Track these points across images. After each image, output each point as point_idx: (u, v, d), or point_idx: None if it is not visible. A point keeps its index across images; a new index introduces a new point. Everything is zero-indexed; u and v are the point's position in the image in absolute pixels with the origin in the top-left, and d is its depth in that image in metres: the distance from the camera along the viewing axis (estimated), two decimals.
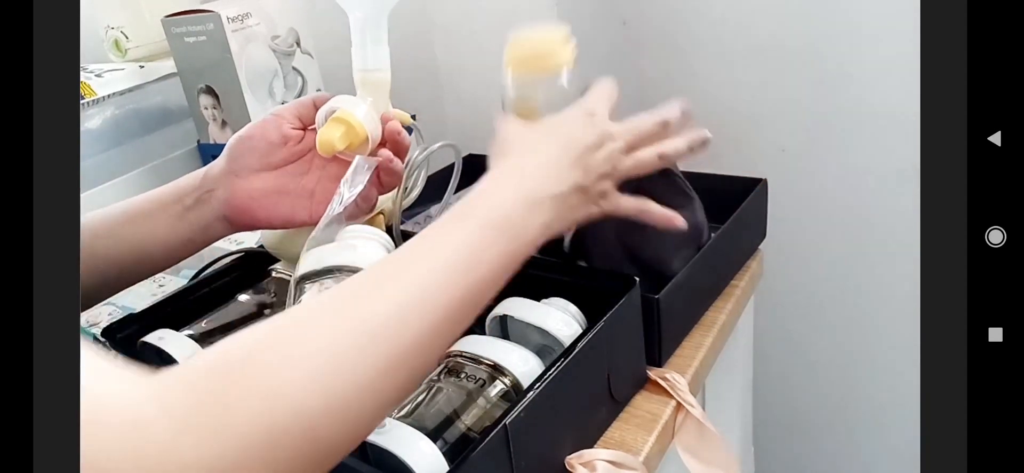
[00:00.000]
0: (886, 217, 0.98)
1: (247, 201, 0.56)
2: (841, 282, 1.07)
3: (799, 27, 0.94)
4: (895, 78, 0.90)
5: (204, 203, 0.56)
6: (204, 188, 0.56)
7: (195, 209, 0.56)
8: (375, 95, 0.55)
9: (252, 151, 0.55)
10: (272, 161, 0.56)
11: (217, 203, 0.56)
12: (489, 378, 0.49)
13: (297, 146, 0.57)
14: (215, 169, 0.56)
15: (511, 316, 0.55)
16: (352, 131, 0.53)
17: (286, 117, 0.56)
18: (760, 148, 1.03)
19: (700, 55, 1.03)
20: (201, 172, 0.57)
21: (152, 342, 0.58)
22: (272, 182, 0.56)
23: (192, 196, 0.56)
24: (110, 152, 0.88)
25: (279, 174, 0.56)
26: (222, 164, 0.56)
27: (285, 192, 0.56)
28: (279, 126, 0.56)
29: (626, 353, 0.56)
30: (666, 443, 0.57)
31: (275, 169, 0.56)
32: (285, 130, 0.56)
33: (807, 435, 1.22)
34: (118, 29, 0.96)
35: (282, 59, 0.87)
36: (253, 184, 0.56)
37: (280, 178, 0.56)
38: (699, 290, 0.67)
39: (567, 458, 0.51)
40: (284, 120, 0.56)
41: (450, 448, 0.45)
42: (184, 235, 0.57)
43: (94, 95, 0.86)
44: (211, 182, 0.56)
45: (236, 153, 0.56)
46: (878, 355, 1.09)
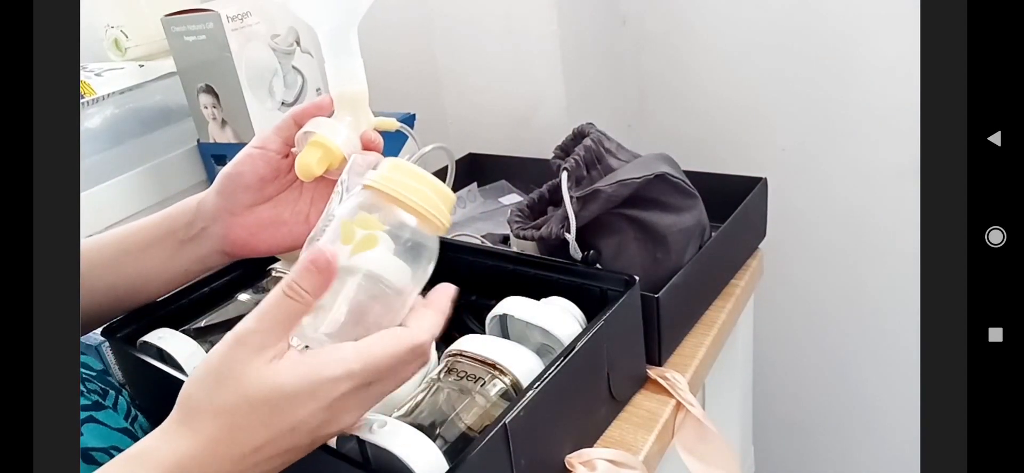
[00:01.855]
0: (886, 217, 0.98)
1: (245, 237, 0.56)
2: (841, 282, 1.07)
3: (799, 27, 0.94)
4: (895, 78, 0.90)
5: (200, 239, 0.56)
6: (198, 224, 0.56)
7: (191, 243, 0.56)
8: (353, 110, 0.54)
9: (245, 189, 0.55)
10: (265, 195, 0.56)
11: (214, 239, 0.56)
12: (489, 377, 0.49)
13: (289, 176, 0.56)
14: (208, 204, 0.56)
15: (511, 315, 0.55)
16: (329, 153, 0.53)
17: (272, 146, 0.55)
18: (760, 147, 1.03)
19: (700, 55, 1.03)
20: (193, 203, 0.57)
21: (152, 341, 0.59)
22: (268, 214, 0.56)
23: (186, 231, 0.56)
24: (110, 151, 0.88)
25: (274, 204, 0.56)
26: (214, 200, 0.55)
27: (282, 222, 0.56)
28: (268, 160, 0.55)
29: (626, 352, 0.56)
30: (666, 442, 0.57)
31: (269, 200, 0.56)
32: (275, 162, 0.55)
33: (807, 435, 1.22)
34: (118, 28, 0.96)
35: (282, 58, 0.87)
36: (249, 219, 0.55)
37: (275, 209, 0.56)
38: (699, 289, 0.67)
39: (567, 457, 0.51)
40: (271, 151, 0.55)
41: (450, 447, 0.45)
42: (180, 267, 0.57)
43: (94, 94, 0.86)
44: (205, 219, 0.56)
45: (228, 190, 0.55)
46: (878, 355, 1.09)
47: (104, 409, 0.54)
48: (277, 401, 0.37)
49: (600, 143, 0.65)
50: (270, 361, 0.37)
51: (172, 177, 0.89)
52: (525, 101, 1.00)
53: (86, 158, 0.85)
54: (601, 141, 0.65)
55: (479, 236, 0.79)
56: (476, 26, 1.00)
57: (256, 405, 0.36)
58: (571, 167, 0.62)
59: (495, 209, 0.93)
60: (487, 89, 1.03)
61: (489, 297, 0.60)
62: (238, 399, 0.37)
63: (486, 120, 1.05)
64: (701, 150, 1.06)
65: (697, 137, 1.06)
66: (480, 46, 1.01)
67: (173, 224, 0.57)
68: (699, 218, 0.66)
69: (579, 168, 0.63)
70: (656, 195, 0.63)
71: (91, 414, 0.52)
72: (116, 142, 0.89)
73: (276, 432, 0.37)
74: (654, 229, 0.62)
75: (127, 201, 0.83)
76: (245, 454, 0.37)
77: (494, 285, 0.63)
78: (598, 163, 0.65)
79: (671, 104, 1.08)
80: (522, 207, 0.69)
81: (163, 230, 0.57)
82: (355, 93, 0.54)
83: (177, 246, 0.56)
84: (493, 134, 1.05)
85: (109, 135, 0.88)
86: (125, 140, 0.90)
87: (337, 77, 0.54)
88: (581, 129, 0.68)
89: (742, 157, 1.03)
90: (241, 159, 0.55)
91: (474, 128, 1.07)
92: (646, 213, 0.62)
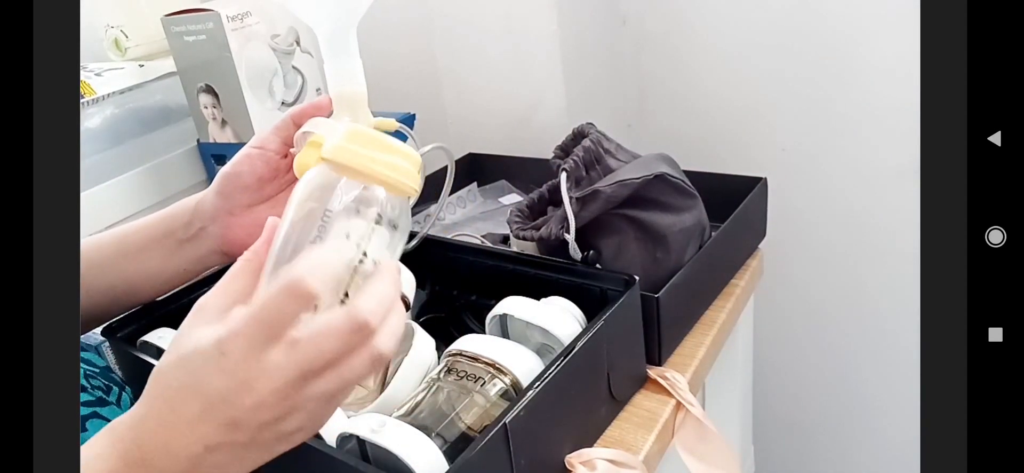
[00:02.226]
0: (886, 217, 0.98)
1: (244, 237, 0.55)
2: (841, 282, 1.07)
3: (799, 27, 0.94)
4: (895, 78, 0.90)
5: (198, 239, 0.56)
6: (196, 224, 0.56)
7: (189, 244, 0.56)
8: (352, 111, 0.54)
9: (244, 189, 0.55)
10: (264, 195, 0.56)
11: (212, 239, 0.56)
12: (489, 377, 0.49)
13: (287, 176, 0.56)
14: (206, 204, 0.56)
15: (511, 315, 0.55)
16: None
17: (271, 146, 0.55)
18: (760, 147, 1.03)
19: (700, 54, 1.03)
20: (191, 203, 0.57)
21: (152, 341, 0.59)
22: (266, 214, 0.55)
23: (184, 231, 0.56)
24: (110, 151, 0.88)
25: (272, 205, 0.56)
26: (213, 200, 0.55)
27: None
28: (267, 160, 0.55)
29: (626, 352, 0.56)
30: (666, 442, 0.57)
31: (268, 201, 0.56)
32: (273, 163, 0.55)
33: (807, 435, 1.22)
34: (118, 28, 0.96)
35: (282, 58, 0.87)
36: (247, 219, 0.55)
37: (274, 208, 0.56)
38: (699, 289, 0.67)
39: (567, 457, 0.51)
40: (269, 151, 0.55)
41: (450, 447, 0.45)
42: (178, 268, 0.57)
43: (94, 94, 0.86)
44: (203, 219, 0.56)
45: (227, 191, 0.55)
46: (878, 355, 1.09)
47: (108, 405, 0.54)
48: (192, 356, 0.35)
49: (599, 143, 0.65)
50: (208, 323, 0.35)
51: (172, 177, 0.89)
52: (525, 101, 1.00)
53: (86, 158, 0.85)
54: (600, 141, 0.65)
55: (479, 236, 0.79)
56: (476, 26, 1.00)
57: (183, 359, 0.35)
58: (570, 168, 0.62)
59: (495, 209, 0.93)
60: (487, 89, 1.03)
61: (489, 297, 0.61)
62: (173, 358, 0.36)
63: (486, 120, 1.05)
64: (701, 150, 1.06)
65: (697, 137, 1.06)
66: (480, 46, 1.01)
67: (172, 224, 0.57)
68: (699, 218, 0.66)
69: (578, 169, 0.63)
70: (656, 195, 0.63)
71: (95, 410, 0.53)
72: (116, 142, 0.89)
73: (207, 402, 0.34)
74: (654, 229, 0.62)
75: (127, 201, 0.83)
76: (179, 426, 0.35)
77: (494, 285, 0.63)
78: (597, 163, 0.65)
79: (671, 104, 1.08)
80: (522, 207, 0.69)
81: (162, 230, 0.57)
82: (354, 94, 0.54)
83: (176, 246, 0.56)
84: (493, 134, 1.05)
85: (109, 135, 0.88)
86: (125, 140, 0.90)
87: (336, 78, 0.54)
88: (581, 129, 0.68)
89: (742, 157, 1.03)
90: (240, 159, 0.55)
91: (474, 128, 1.06)
92: (646, 213, 0.62)
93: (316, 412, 0.36)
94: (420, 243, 0.65)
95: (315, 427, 0.37)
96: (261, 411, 0.34)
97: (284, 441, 0.36)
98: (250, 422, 0.35)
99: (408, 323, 0.57)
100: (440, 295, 0.69)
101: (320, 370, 0.34)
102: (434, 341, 0.55)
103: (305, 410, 0.35)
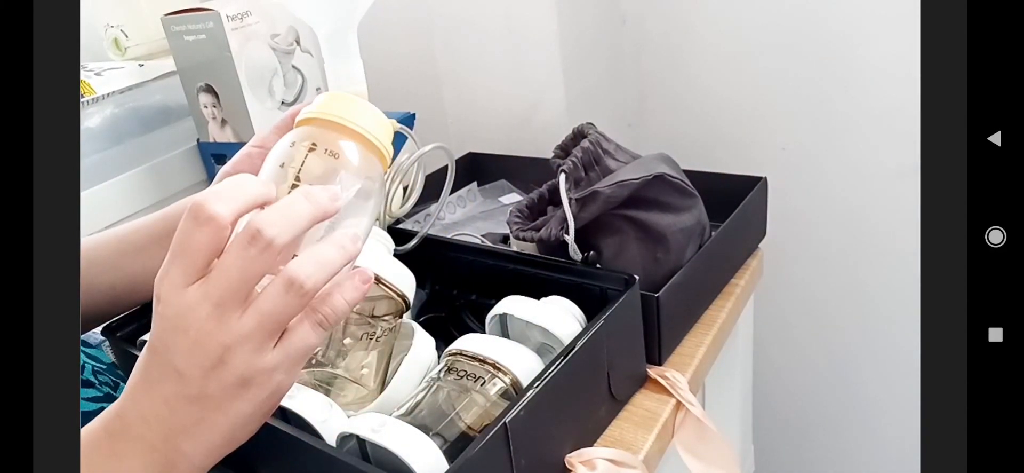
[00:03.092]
0: (886, 217, 0.98)
1: None
2: (841, 281, 1.07)
3: (799, 26, 0.94)
4: (895, 78, 0.90)
5: None
6: None
7: None
8: None
9: None
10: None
11: None
12: (489, 376, 0.49)
13: None
14: None
15: (511, 315, 0.55)
16: None
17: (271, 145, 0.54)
18: (760, 147, 1.03)
19: (700, 54, 1.03)
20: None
21: None
22: None
23: None
24: (110, 150, 0.88)
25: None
26: None
27: None
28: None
29: (626, 351, 0.56)
30: (666, 442, 0.57)
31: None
32: None
33: (807, 435, 1.23)
34: (117, 27, 0.96)
35: (282, 57, 0.87)
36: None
37: None
38: (699, 289, 0.67)
39: (567, 456, 0.51)
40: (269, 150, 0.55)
41: (450, 447, 0.45)
42: None
43: (94, 94, 0.86)
44: None
45: None
46: (878, 355, 1.09)
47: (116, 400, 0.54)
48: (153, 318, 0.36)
49: (598, 144, 0.65)
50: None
51: (172, 177, 0.89)
52: (525, 101, 1.00)
53: (86, 158, 0.85)
54: (599, 142, 0.65)
55: (479, 236, 0.79)
56: (476, 26, 1.00)
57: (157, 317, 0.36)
58: (569, 168, 0.62)
59: (495, 209, 0.93)
60: (487, 89, 1.03)
61: (489, 297, 0.61)
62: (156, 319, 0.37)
63: (486, 120, 1.05)
64: (701, 150, 1.06)
65: (697, 137, 1.06)
66: (480, 46, 1.01)
67: (172, 224, 0.57)
68: (699, 218, 0.66)
69: (577, 169, 0.63)
70: (656, 195, 0.63)
71: (103, 406, 0.53)
72: (116, 142, 0.89)
73: (159, 356, 0.36)
74: (654, 229, 0.62)
75: (127, 201, 0.83)
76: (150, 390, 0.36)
77: (494, 285, 0.63)
78: (596, 164, 0.65)
79: (671, 104, 1.08)
80: (522, 207, 0.69)
81: (162, 229, 0.57)
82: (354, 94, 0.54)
83: None
84: (493, 134, 1.05)
85: (109, 135, 0.88)
86: (125, 140, 0.90)
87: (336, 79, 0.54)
88: (581, 129, 0.68)
89: (742, 157, 1.03)
90: (239, 159, 0.55)
91: (474, 128, 1.07)
92: (646, 213, 0.62)
93: (254, 364, 0.35)
94: (420, 243, 0.65)
95: (265, 391, 0.36)
96: (196, 353, 0.34)
97: (236, 399, 0.35)
98: (192, 370, 0.35)
99: (408, 323, 0.57)
100: (440, 295, 0.69)
101: (233, 300, 0.34)
102: (434, 341, 0.55)
103: (242, 359, 0.35)
